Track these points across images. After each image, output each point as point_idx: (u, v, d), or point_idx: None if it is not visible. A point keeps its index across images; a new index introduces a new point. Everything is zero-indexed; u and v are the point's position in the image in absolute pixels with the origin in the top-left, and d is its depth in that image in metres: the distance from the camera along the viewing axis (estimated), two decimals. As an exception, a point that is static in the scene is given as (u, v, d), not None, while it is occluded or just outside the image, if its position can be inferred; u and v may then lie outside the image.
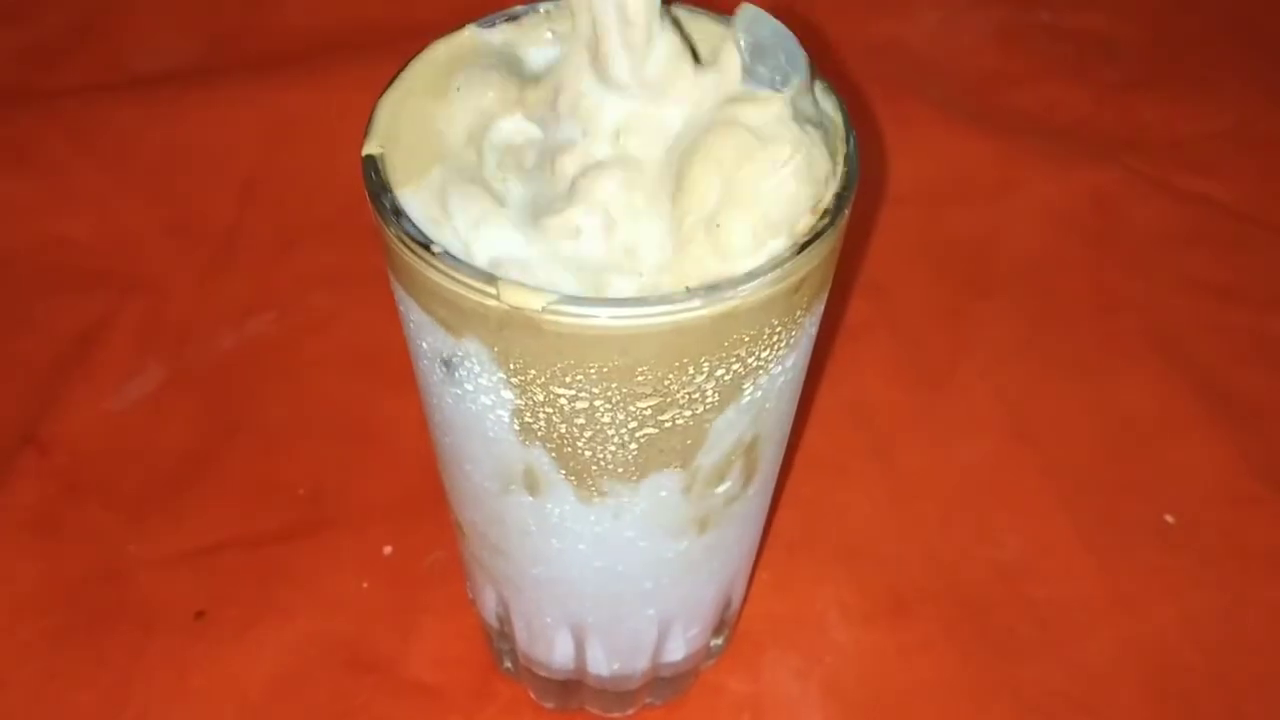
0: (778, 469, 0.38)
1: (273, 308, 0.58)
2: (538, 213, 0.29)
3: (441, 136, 0.31)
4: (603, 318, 0.26)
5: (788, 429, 0.36)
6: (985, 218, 0.64)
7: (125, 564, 0.48)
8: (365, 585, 0.48)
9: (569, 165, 0.29)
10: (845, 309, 0.59)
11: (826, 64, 0.59)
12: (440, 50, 0.33)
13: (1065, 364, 0.57)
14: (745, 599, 0.46)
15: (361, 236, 0.31)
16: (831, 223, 0.28)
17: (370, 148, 0.30)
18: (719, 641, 0.45)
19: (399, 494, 0.50)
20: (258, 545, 0.49)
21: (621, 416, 0.29)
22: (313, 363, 0.56)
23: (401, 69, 0.32)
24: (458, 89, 0.31)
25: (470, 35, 0.33)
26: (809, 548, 0.50)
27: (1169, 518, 0.51)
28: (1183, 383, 0.56)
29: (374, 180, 0.29)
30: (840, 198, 0.29)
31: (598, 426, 0.29)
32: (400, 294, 0.30)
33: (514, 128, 0.31)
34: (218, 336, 0.57)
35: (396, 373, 0.38)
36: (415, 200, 0.29)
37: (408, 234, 0.28)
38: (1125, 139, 0.68)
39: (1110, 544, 0.50)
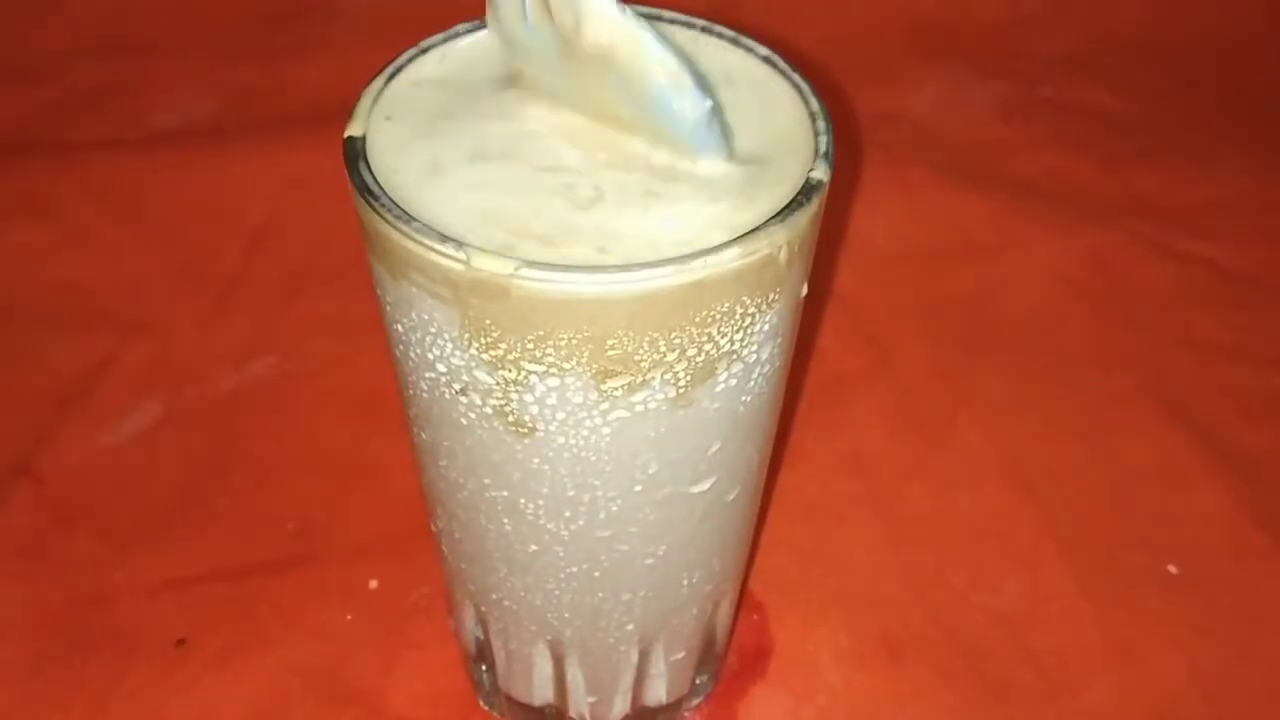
0: (759, 482, 0.37)
1: (273, 352, 0.58)
2: None
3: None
4: (572, 282, 0.27)
5: (767, 439, 0.36)
6: (985, 276, 0.64)
7: (109, 590, 0.47)
8: (349, 618, 0.47)
9: None
10: (844, 362, 0.59)
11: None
12: (433, 42, 0.34)
13: (1065, 418, 0.56)
14: (732, 633, 0.45)
15: (364, 288, 0.32)
16: (805, 201, 0.29)
17: (353, 130, 0.30)
18: (704, 679, 0.44)
19: (388, 532, 0.50)
20: (243, 576, 0.48)
21: (594, 397, 0.29)
22: (310, 405, 0.56)
23: (390, 61, 0.33)
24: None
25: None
26: (803, 591, 0.49)
27: (1172, 568, 0.50)
28: (1185, 436, 0.55)
29: (350, 154, 0.30)
30: (814, 180, 0.29)
31: (569, 408, 0.29)
32: (378, 273, 0.30)
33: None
34: (217, 378, 0.57)
35: (391, 416, 0.39)
36: (396, 175, 0.30)
37: (379, 202, 0.28)
38: (1126, 205, 0.68)
39: (1111, 593, 0.49)
